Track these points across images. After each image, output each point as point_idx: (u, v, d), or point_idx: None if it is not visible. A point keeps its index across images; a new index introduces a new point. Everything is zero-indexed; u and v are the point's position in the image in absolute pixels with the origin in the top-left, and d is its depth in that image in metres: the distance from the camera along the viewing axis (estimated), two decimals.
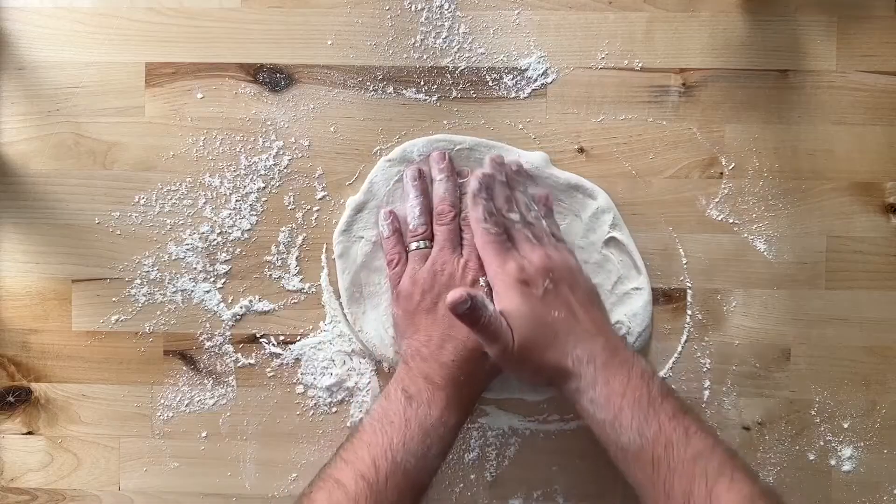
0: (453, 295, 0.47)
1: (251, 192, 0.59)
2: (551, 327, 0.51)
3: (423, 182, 0.58)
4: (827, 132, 0.58)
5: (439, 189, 0.57)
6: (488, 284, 0.53)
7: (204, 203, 0.59)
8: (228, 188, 0.59)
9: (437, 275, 0.55)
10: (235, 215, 0.59)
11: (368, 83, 0.59)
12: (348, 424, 0.59)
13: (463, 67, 0.59)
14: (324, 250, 0.59)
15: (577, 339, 0.51)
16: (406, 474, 0.49)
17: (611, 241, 0.59)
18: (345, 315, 0.59)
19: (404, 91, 0.59)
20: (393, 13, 0.58)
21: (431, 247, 0.56)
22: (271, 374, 0.60)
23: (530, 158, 0.58)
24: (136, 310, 0.60)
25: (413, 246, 0.57)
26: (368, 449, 0.49)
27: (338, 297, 0.59)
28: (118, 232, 0.60)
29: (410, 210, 0.57)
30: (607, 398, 0.49)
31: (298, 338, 0.59)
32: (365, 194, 0.58)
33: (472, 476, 0.59)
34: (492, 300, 0.51)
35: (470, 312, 0.48)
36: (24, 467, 0.61)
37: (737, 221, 0.59)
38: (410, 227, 0.57)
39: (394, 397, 0.52)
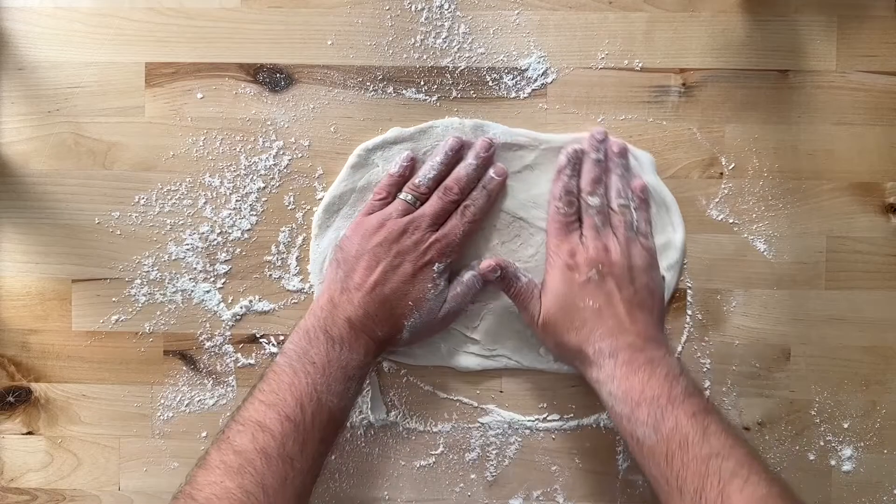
0: (486, 263, 0.55)
1: (251, 192, 0.59)
2: (580, 313, 0.53)
3: (458, 156, 0.57)
4: (827, 132, 0.58)
5: (463, 169, 0.56)
6: (441, 272, 0.54)
7: (204, 203, 0.59)
8: (228, 188, 0.59)
9: (405, 234, 0.54)
10: (235, 215, 0.59)
11: (368, 83, 0.59)
12: (348, 424, 0.59)
13: (463, 67, 0.59)
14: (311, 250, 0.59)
15: (606, 332, 0.52)
16: (330, 413, 0.50)
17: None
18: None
19: (404, 91, 0.59)
20: (393, 13, 0.58)
21: (416, 209, 0.56)
22: None
23: (642, 159, 0.58)
24: (136, 310, 0.60)
25: (403, 195, 0.56)
26: (291, 390, 0.50)
27: None
28: (118, 232, 0.60)
29: (427, 169, 0.56)
30: (625, 392, 0.49)
31: None
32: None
33: (472, 476, 0.59)
34: (451, 283, 0.55)
35: (501, 280, 0.55)
36: (24, 467, 0.61)
37: (737, 221, 0.59)
38: (415, 180, 0.56)
39: (314, 337, 0.52)
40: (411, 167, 0.57)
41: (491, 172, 0.57)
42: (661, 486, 0.47)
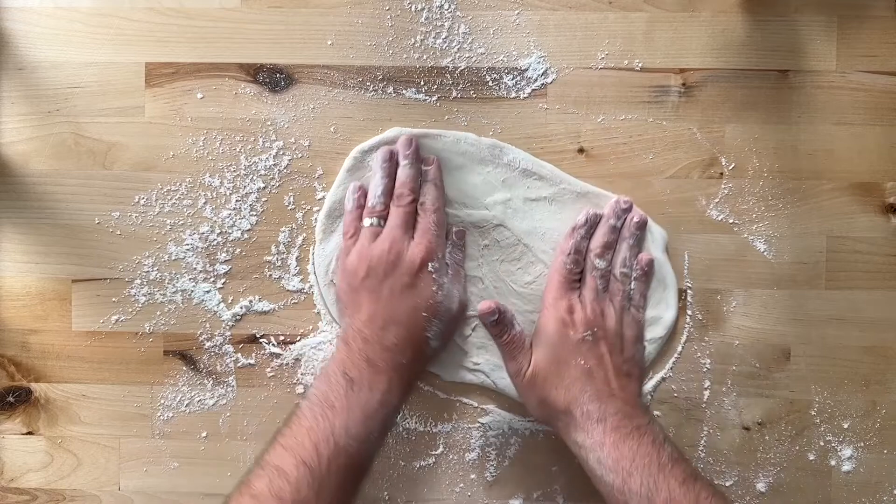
0: (484, 305, 0.54)
1: (251, 192, 0.59)
2: (570, 370, 0.52)
3: (392, 165, 0.57)
4: (827, 132, 0.58)
5: (402, 173, 0.57)
6: (438, 269, 0.54)
7: (204, 203, 0.59)
8: (228, 188, 0.59)
9: (385, 254, 0.54)
10: (235, 215, 0.59)
11: (368, 83, 0.59)
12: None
13: (463, 67, 0.59)
14: (311, 251, 0.59)
15: (594, 395, 0.51)
16: (349, 458, 0.49)
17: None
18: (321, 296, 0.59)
19: (404, 91, 0.59)
20: (393, 13, 0.58)
21: (383, 226, 0.56)
22: (271, 374, 0.60)
23: (656, 235, 0.58)
24: (136, 310, 0.60)
25: (367, 222, 0.56)
26: (309, 434, 0.49)
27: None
28: (118, 232, 0.60)
29: (374, 188, 0.57)
30: (616, 462, 0.49)
31: (298, 338, 0.59)
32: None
33: (472, 476, 0.59)
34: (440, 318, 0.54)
35: (496, 324, 0.54)
36: (24, 467, 0.61)
37: (737, 221, 0.59)
38: (369, 204, 0.57)
39: (334, 380, 0.51)
40: (363, 195, 0.58)
41: (424, 167, 0.57)
42: None
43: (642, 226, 0.57)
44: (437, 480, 0.59)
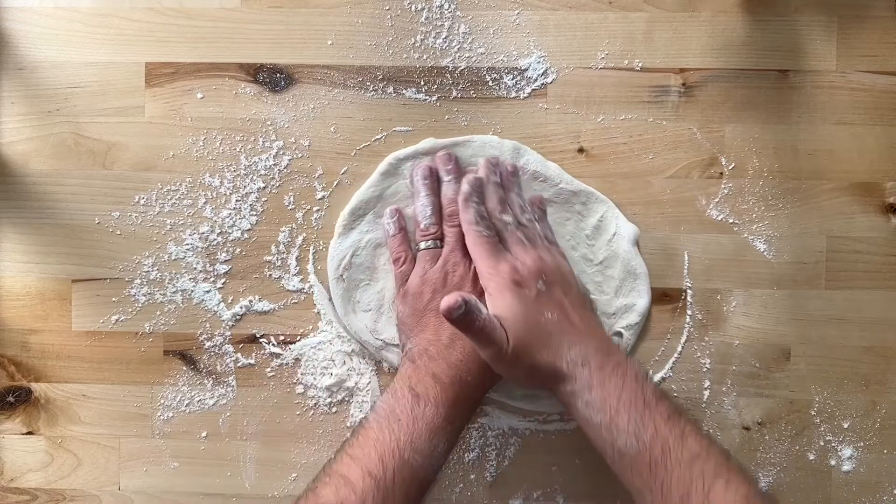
0: (447, 300, 0.47)
1: (251, 192, 0.59)
2: (544, 328, 0.51)
3: (434, 181, 0.57)
4: (827, 132, 0.58)
5: (448, 190, 0.57)
6: None
7: (204, 203, 0.59)
8: (228, 188, 0.59)
9: (449, 275, 0.55)
10: (235, 215, 0.59)
11: (368, 83, 0.59)
12: (348, 424, 0.59)
13: (463, 67, 0.59)
14: (311, 251, 0.59)
15: (571, 342, 0.51)
16: (413, 472, 0.49)
17: (615, 252, 0.59)
18: (331, 303, 0.59)
19: (404, 91, 0.59)
20: (393, 13, 0.58)
21: (441, 247, 0.56)
22: (271, 374, 0.60)
23: (623, 231, 0.58)
24: (136, 310, 0.60)
25: (423, 245, 0.57)
26: (375, 446, 0.49)
27: (328, 292, 0.59)
28: (118, 232, 0.60)
29: (422, 209, 0.57)
30: (603, 401, 0.48)
31: (298, 338, 0.59)
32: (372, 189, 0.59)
33: (472, 476, 0.59)
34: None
35: (464, 316, 0.48)
36: (24, 467, 0.61)
37: (737, 221, 0.59)
38: (421, 226, 0.57)
39: (401, 395, 0.51)
40: (402, 217, 0.58)
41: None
42: (643, 494, 0.47)
43: (516, 171, 0.58)
44: (437, 480, 0.59)
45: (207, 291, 0.59)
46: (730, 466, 0.46)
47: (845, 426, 0.59)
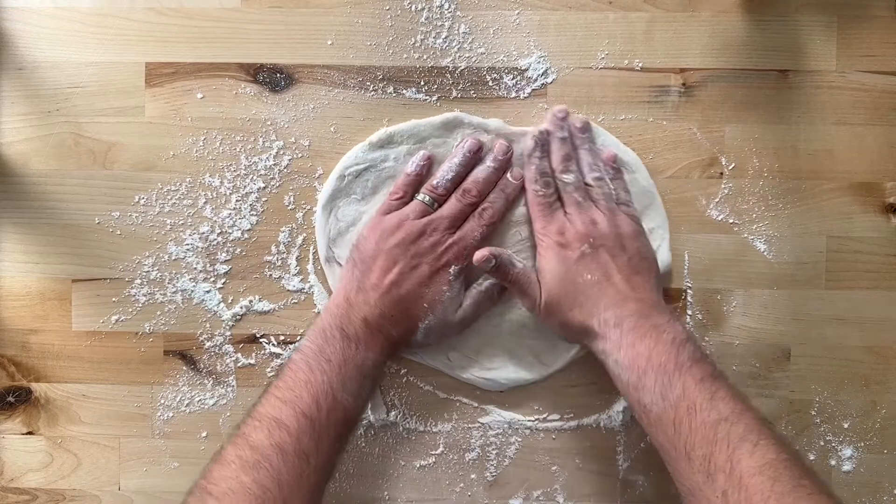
0: (479, 253, 0.54)
1: (251, 192, 0.59)
2: (581, 288, 0.53)
3: (474, 158, 0.57)
4: (827, 132, 0.58)
5: (481, 173, 0.57)
6: (458, 274, 0.55)
7: (204, 203, 0.59)
8: (228, 188, 0.59)
9: (423, 236, 0.55)
10: (235, 215, 0.59)
11: (368, 83, 0.59)
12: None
13: (463, 67, 0.59)
14: (311, 251, 0.59)
15: (609, 303, 0.52)
16: (346, 412, 0.51)
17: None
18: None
19: (404, 91, 0.59)
20: (393, 13, 0.58)
21: (435, 209, 0.56)
22: (271, 374, 0.60)
23: (489, 126, 0.58)
24: (136, 310, 0.60)
25: (421, 196, 0.56)
26: (307, 387, 0.50)
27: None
28: (118, 232, 0.60)
29: (446, 170, 0.57)
30: (632, 360, 0.49)
31: (298, 338, 0.59)
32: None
33: (472, 476, 0.59)
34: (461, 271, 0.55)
35: (497, 269, 0.55)
36: (24, 467, 0.61)
37: (737, 221, 0.59)
38: (433, 182, 0.57)
39: (330, 335, 0.52)
40: (428, 166, 0.57)
41: (508, 176, 0.57)
42: (668, 453, 0.47)
43: (586, 128, 0.57)
44: (437, 480, 0.59)
45: (207, 291, 0.59)
46: (762, 432, 0.44)
47: (845, 426, 0.59)
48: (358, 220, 0.58)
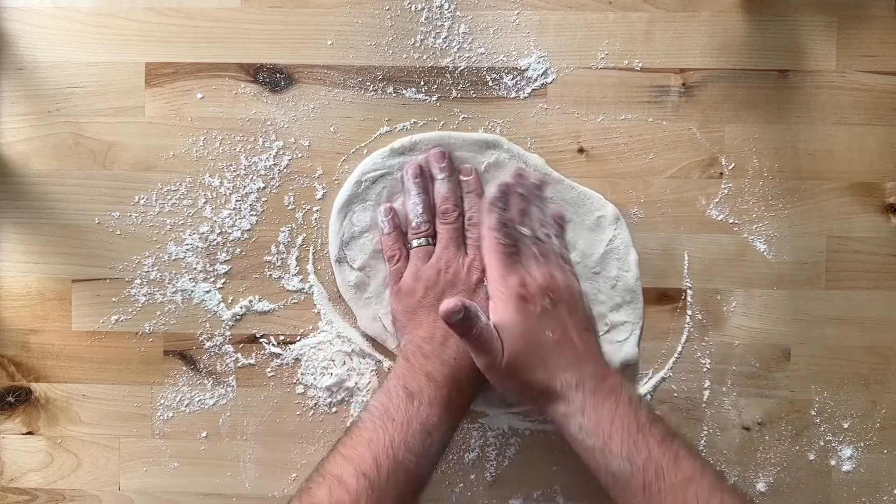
0: (447, 304, 0.48)
1: (251, 192, 0.59)
2: (543, 346, 0.51)
3: (425, 179, 0.57)
4: (827, 132, 0.58)
5: (442, 188, 0.57)
6: None
7: (204, 203, 0.59)
8: (228, 188, 0.59)
9: (442, 272, 0.55)
10: (235, 215, 0.59)
11: (368, 83, 0.59)
12: (348, 424, 0.59)
13: (463, 67, 0.59)
14: (311, 251, 0.59)
15: (568, 363, 0.50)
16: (407, 472, 0.49)
17: (611, 261, 0.59)
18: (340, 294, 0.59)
19: (404, 91, 0.59)
20: (393, 13, 0.58)
21: (433, 244, 0.56)
22: (271, 374, 0.60)
23: (528, 161, 0.58)
24: (136, 310, 0.60)
25: (415, 243, 0.57)
26: (369, 446, 0.49)
27: (328, 291, 0.59)
28: (118, 232, 0.60)
29: (413, 207, 0.57)
30: (596, 425, 0.48)
31: (298, 338, 0.60)
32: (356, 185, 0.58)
33: (472, 476, 0.59)
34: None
35: (462, 322, 0.48)
36: (24, 467, 0.61)
37: (737, 221, 0.59)
38: (413, 224, 0.57)
39: (394, 394, 0.51)
40: (396, 215, 0.58)
41: (462, 178, 0.57)
42: None
43: (542, 185, 0.57)
44: (437, 480, 0.59)
45: (207, 291, 0.59)
46: (723, 488, 0.46)
47: (845, 426, 0.59)
48: (372, 226, 0.58)
